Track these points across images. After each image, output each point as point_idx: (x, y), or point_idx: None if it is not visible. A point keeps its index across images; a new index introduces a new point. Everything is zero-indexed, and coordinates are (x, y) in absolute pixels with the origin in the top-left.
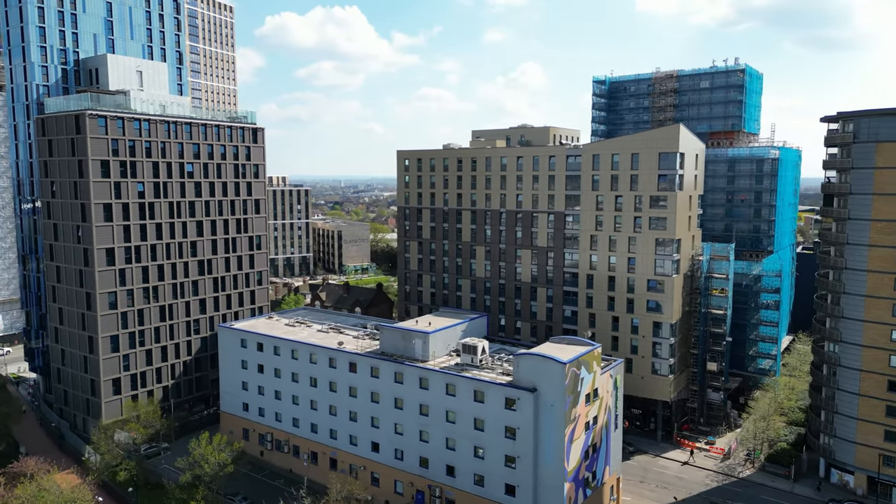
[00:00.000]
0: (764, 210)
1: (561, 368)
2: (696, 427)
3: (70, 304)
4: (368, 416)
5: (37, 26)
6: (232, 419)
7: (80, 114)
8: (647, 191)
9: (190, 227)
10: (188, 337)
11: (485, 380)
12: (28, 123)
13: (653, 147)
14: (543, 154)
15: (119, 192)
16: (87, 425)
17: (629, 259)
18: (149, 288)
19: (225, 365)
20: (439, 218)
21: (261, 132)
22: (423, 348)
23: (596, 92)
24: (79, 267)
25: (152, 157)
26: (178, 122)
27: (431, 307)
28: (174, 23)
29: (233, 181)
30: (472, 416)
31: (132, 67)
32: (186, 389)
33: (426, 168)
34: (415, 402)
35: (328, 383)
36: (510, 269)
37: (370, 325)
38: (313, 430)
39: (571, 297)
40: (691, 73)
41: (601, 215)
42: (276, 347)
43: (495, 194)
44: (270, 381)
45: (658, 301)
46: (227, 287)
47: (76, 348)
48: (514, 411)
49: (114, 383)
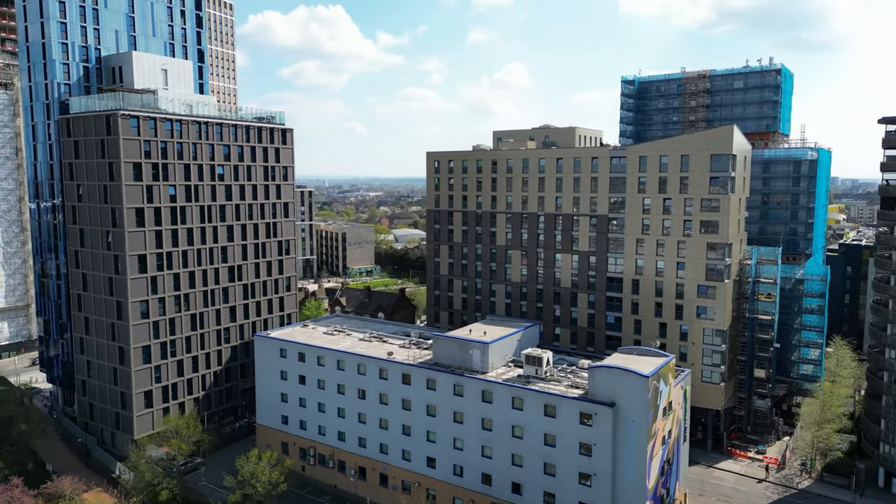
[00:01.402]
0: (801, 212)
1: (644, 382)
2: (744, 436)
3: (98, 313)
4: (424, 430)
5: (58, 22)
6: (269, 432)
7: (112, 114)
8: (697, 193)
9: (220, 232)
10: (218, 346)
11: (556, 393)
12: (48, 123)
13: (704, 148)
14: (585, 156)
15: (151, 196)
16: (115, 440)
17: (678, 263)
18: (180, 296)
19: (262, 376)
20: (472, 221)
21: (289, 133)
22: (481, 359)
23: (624, 92)
24: (108, 274)
25: (184, 160)
26: (208, 123)
27: (463, 312)
28: (195, 19)
29: (262, 184)
30: (541, 431)
31: (157, 65)
32: (217, 401)
33: (458, 170)
34: (476, 415)
35: (378, 395)
36: (549, 274)
37: (414, 333)
38: (361, 445)
39: (615, 303)
40: (724, 72)
41: (648, 218)
42: (320, 357)
43: (533, 197)
44: (313, 393)
45: (709, 307)
46: (257, 294)
47: (105, 359)
48: (589, 426)
49: (145, 396)
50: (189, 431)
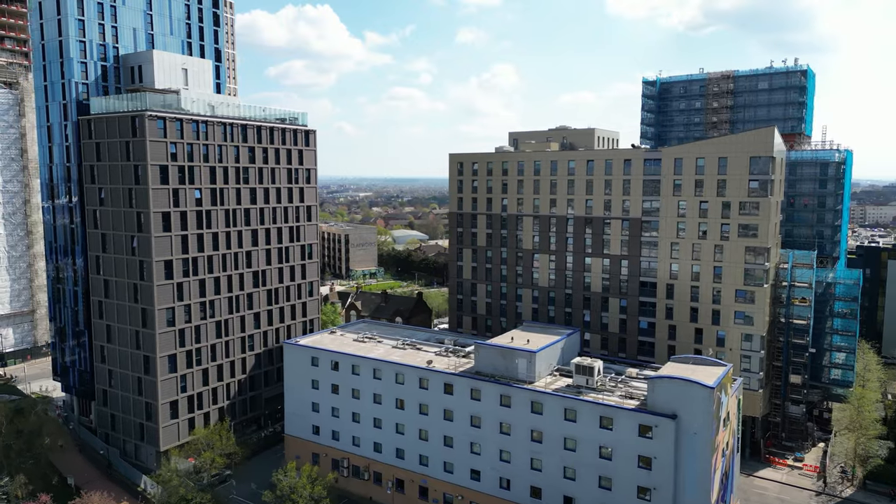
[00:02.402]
0: (827, 215)
1: (708, 394)
2: (779, 443)
3: (121, 320)
4: (467, 442)
5: (76, 19)
6: (299, 443)
7: (139, 115)
8: (736, 196)
9: (245, 237)
10: (243, 354)
11: (613, 405)
12: (65, 124)
13: (744, 150)
14: (618, 157)
15: (177, 200)
16: (139, 452)
17: (715, 267)
18: (205, 302)
19: (292, 385)
20: (497, 224)
21: (312, 134)
22: (528, 368)
23: (645, 93)
24: (133, 281)
25: (209, 162)
26: (233, 124)
27: (487, 318)
28: (212, 17)
29: (286, 187)
30: (596, 443)
31: (178, 65)
32: (241, 410)
33: (482, 172)
34: (525, 427)
35: (418, 405)
36: (578, 278)
37: (448, 340)
38: (399, 456)
39: (648, 308)
40: (749, 73)
41: (683, 222)
42: (355, 366)
43: (561, 199)
44: (347, 403)
45: (747, 312)
46: (280, 299)
47: (128, 369)
48: (649, 439)
49: (171, 406)
50: (222, 444)
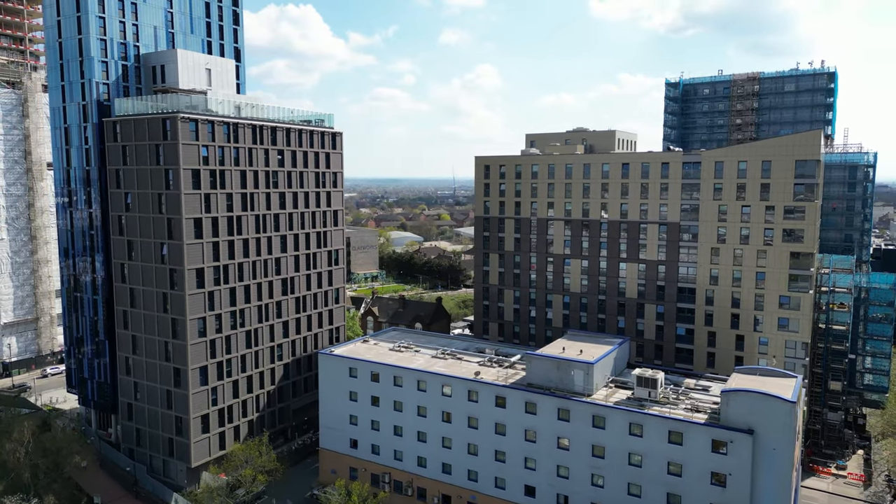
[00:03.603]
0: (856, 218)
1: (790, 408)
2: (820, 451)
3: (149, 331)
4: (521, 457)
5: (97, 16)
6: (335, 457)
7: (171, 117)
8: (780, 201)
9: (274, 243)
10: (272, 364)
11: (683, 419)
12: (85, 126)
13: (789, 154)
14: (655, 161)
15: (208, 205)
16: (168, 469)
17: (757, 273)
18: (235, 311)
19: (328, 397)
20: (526, 228)
21: (339, 136)
22: (585, 380)
23: (668, 95)
24: (163, 290)
25: (240, 166)
26: (263, 126)
27: (515, 324)
28: (232, 15)
29: (313, 191)
30: (664, 459)
31: (201, 65)
32: (270, 422)
33: (510, 175)
34: (585, 442)
35: (466, 418)
36: (612, 284)
37: (489, 349)
38: (445, 471)
39: (686, 314)
40: (774, 75)
41: (724, 226)
42: (397, 377)
43: (595, 203)
44: (388, 415)
45: (791, 318)
46: (308, 307)
47: (156, 381)
48: (723, 455)
49: (202, 420)
50: (262, 460)
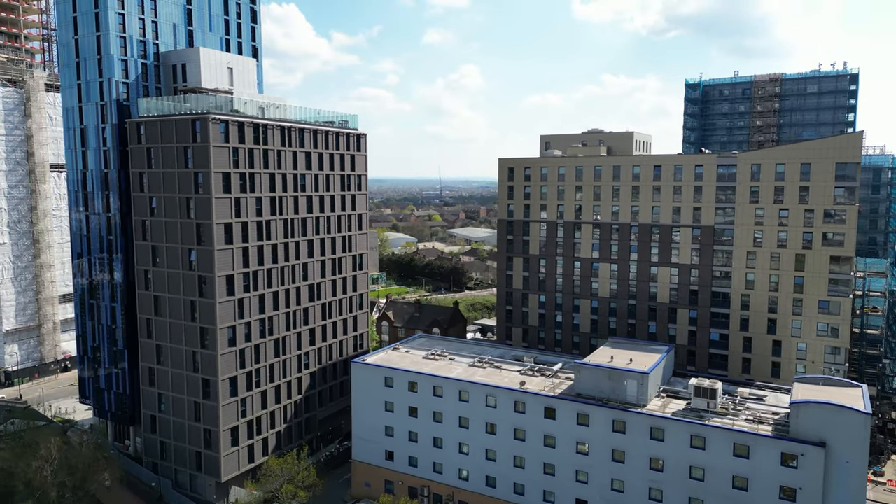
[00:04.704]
0: (881, 221)
1: (864, 420)
2: None
3: (175, 340)
4: (572, 470)
5: (116, 13)
6: (369, 469)
7: (202, 118)
8: (819, 204)
9: (302, 248)
10: (299, 373)
11: (749, 431)
12: (103, 127)
13: (829, 156)
14: (688, 163)
15: (238, 210)
16: (195, 483)
17: (795, 277)
18: (264, 319)
19: (361, 407)
20: (552, 232)
21: (363, 138)
22: (638, 390)
23: (688, 96)
24: (190, 297)
25: (269, 168)
26: (291, 128)
27: (540, 329)
28: (250, 13)
29: (339, 194)
30: (729, 472)
31: (223, 63)
32: (297, 433)
33: (535, 178)
34: (643, 455)
35: (512, 430)
36: (643, 289)
37: (527, 357)
38: (489, 484)
39: (720, 320)
40: (796, 76)
41: (761, 230)
42: (437, 387)
43: (625, 206)
44: (428, 427)
45: (830, 324)
46: (334, 314)
47: (183, 393)
48: (794, 469)
49: (231, 433)
50: (302, 475)
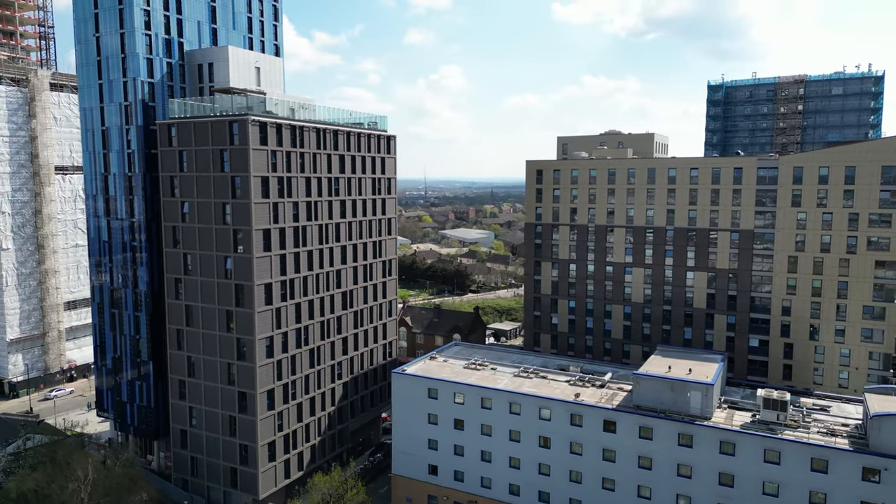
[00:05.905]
0: None
1: None
2: None
3: (208, 352)
4: (633, 485)
5: (141, 9)
6: (411, 484)
7: (240, 120)
8: (864, 207)
9: (336, 254)
10: (332, 384)
11: (826, 445)
12: (127, 129)
13: (875, 159)
14: (726, 166)
15: (276, 216)
16: (230, 501)
17: (839, 282)
18: (300, 329)
19: (402, 420)
20: (582, 236)
21: (393, 140)
22: (703, 402)
23: (710, 98)
24: (226, 307)
25: (305, 172)
26: (326, 130)
27: (569, 335)
28: (272, 11)
29: (370, 198)
30: (806, 488)
31: (251, 63)
32: (330, 446)
33: (565, 180)
34: (711, 470)
35: (568, 444)
36: (678, 294)
37: (573, 367)
38: (542, 500)
39: (760, 325)
40: (821, 78)
41: (803, 234)
42: (485, 399)
43: (660, 210)
44: (474, 440)
45: (875, 329)
46: (365, 322)
47: (217, 406)
48: (876, 483)
49: (269, 447)
50: (352, 494)
